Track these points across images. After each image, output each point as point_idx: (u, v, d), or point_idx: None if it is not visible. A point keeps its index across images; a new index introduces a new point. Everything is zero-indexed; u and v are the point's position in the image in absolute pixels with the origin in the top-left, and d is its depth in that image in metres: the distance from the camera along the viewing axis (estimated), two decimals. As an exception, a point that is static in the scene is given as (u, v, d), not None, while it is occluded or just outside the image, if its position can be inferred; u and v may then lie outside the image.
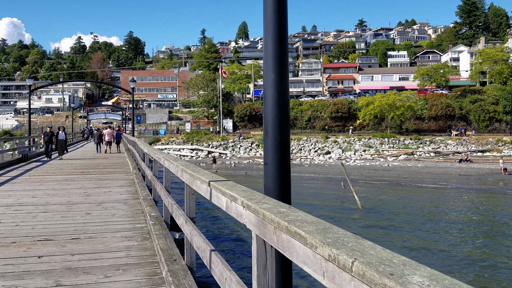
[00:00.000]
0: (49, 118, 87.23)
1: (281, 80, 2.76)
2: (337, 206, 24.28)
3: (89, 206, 7.32)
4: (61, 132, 19.43)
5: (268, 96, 2.79)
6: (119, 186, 9.73)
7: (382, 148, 53.51)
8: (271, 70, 2.79)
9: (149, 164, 9.67)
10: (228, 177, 21.89)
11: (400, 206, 24.25)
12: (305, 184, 32.47)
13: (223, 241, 14.77)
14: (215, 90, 72.55)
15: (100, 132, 28.90)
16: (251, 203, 1.80)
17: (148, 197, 7.28)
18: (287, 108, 2.84)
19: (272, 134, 2.71)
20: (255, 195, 1.98)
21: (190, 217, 3.53)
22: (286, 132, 2.78)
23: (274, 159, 2.70)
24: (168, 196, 4.94)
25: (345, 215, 21.64)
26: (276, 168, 2.69)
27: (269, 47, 2.96)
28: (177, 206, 4.17)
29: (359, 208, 22.97)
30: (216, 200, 2.57)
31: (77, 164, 15.97)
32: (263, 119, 2.89)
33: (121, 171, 13.21)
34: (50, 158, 18.71)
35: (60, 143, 18.80)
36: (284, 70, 2.86)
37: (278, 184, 2.66)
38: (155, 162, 7.05)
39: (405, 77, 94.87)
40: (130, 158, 16.56)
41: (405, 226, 18.91)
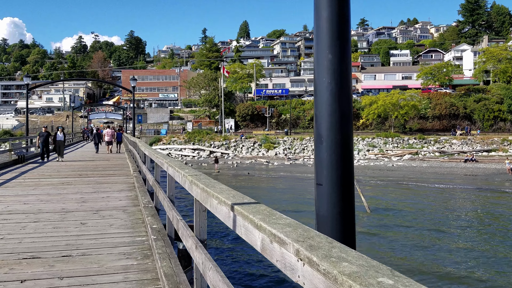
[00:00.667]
0: (50, 118, 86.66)
1: (342, 63, 1.96)
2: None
3: (84, 215, 6.68)
4: (60, 132, 18.25)
5: (321, 86, 2.00)
6: (118, 191, 9.08)
7: (386, 148, 52.81)
8: (326, 48, 1.97)
9: (150, 165, 9.03)
10: (231, 178, 21.08)
11: (409, 210, 23.56)
12: (309, 185, 31.84)
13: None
14: (216, 89, 71.91)
15: (100, 132, 28.29)
16: (316, 257, 1.10)
17: (149, 204, 6.63)
18: (350, 103, 2.05)
19: (329, 141, 1.92)
20: (315, 237, 1.25)
21: (201, 239, 2.86)
22: (348, 138, 1.96)
23: (332, 177, 1.91)
24: (173, 208, 4.29)
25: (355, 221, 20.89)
26: (335, 191, 1.91)
27: (323, 15, 2.09)
28: (184, 223, 3.48)
29: (366, 212, 22.30)
30: (244, 232, 1.84)
31: (75, 166, 15.30)
32: (314, 118, 2.14)
33: (121, 173, 12.56)
34: (46, 160, 17.71)
35: (58, 144, 17.73)
36: (346, 49, 2.04)
37: (338, 213, 1.90)
38: (157, 167, 6.41)
39: (408, 76, 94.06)
40: (130, 159, 15.92)
41: (416, 234, 18.13)
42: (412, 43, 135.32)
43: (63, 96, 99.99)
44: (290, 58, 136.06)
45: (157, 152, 6.78)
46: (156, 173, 6.58)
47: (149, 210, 6.14)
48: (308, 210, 22.01)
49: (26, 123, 21.33)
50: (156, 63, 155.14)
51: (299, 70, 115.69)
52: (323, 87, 2.01)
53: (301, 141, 56.13)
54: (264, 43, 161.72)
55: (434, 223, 20.09)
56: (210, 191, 2.45)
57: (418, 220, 20.90)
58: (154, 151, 7.08)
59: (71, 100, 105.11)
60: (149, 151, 7.56)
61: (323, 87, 2.01)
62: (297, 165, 45.82)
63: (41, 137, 18.11)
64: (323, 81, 2.01)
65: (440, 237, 17.41)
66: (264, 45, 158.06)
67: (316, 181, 2.07)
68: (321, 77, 2.03)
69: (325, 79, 1.99)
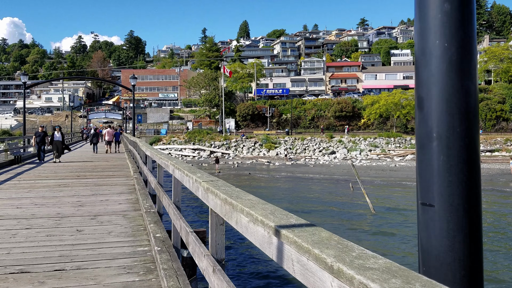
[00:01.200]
0: (49, 118, 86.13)
1: (463, 17, 1.37)
2: (347, 210, 23.13)
3: (81, 220, 6.15)
4: (57, 132, 17.23)
5: (431, 52, 1.37)
6: (117, 194, 8.56)
7: (388, 148, 52.32)
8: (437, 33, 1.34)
9: (152, 166, 8.51)
10: (232, 178, 20.40)
11: (413, 209, 23.04)
12: (311, 186, 31.34)
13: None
14: (217, 89, 71.40)
15: (99, 132, 27.83)
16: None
17: (151, 209, 6.10)
18: (475, 81, 1.43)
19: (445, 138, 1.32)
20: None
21: (218, 258, 2.31)
22: (476, 132, 1.36)
23: (451, 194, 1.31)
24: (180, 217, 3.75)
25: (357, 222, 20.49)
26: (455, 215, 1.30)
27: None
28: (195, 237, 2.91)
29: (371, 212, 21.84)
30: (300, 271, 1.25)
31: (73, 166, 14.77)
32: (417, 102, 1.49)
33: (120, 174, 12.03)
34: (43, 161, 17.02)
35: (56, 145, 16.83)
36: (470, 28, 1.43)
37: (460, 249, 1.28)
38: (160, 168, 5.89)
39: (409, 75, 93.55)
40: (130, 159, 15.39)
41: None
42: (413, 43, 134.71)
43: (63, 96, 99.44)
44: (290, 58, 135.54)
45: (160, 153, 6.27)
46: (159, 175, 6.06)
47: (152, 216, 5.62)
48: (315, 210, 21.43)
49: (24, 122, 20.78)
50: (155, 63, 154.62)
51: (299, 70, 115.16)
52: (435, 54, 1.38)
53: (302, 141, 55.62)
54: (264, 43, 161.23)
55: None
56: (236, 204, 1.89)
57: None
58: (157, 151, 6.57)
59: (71, 100, 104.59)
60: (151, 151, 7.04)
61: (435, 53, 1.38)
62: (299, 166, 45.32)
63: (37, 137, 17.40)
64: (435, 45, 1.38)
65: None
66: (264, 44, 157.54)
67: (420, 199, 1.44)
68: (430, 39, 1.39)
69: (438, 42, 1.38)
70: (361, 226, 19.78)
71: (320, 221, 19.68)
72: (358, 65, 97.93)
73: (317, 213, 21.91)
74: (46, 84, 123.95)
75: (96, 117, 73.02)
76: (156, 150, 6.98)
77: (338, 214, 22.06)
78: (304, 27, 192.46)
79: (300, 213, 20.89)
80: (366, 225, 19.88)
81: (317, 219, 20.61)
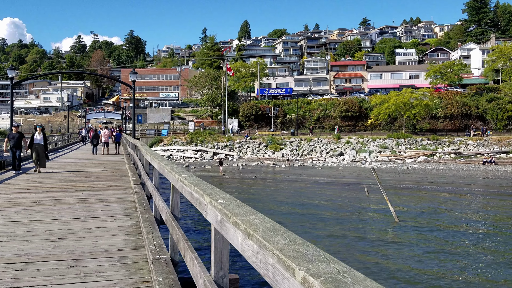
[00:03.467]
0: (47, 118, 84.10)
1: None
2: (365, 218, 21.08)
3: (54, 270, 4.07)
4: (38, 133, 13.36)
5: None
6: (113, 216, 6.51)
7: (398, 149, 50.26)
8: None
9: (158, 176, 6.47)
10: (238, 182, 17.66)
11: (438, 218, 21.06)
12: (321, 190, 29.26)
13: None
14: (219, 88, 69.37)
15: (97, 132, 26.51)
16: None
17: (161, 253, 3.99)
18: None
19: None
20: None
21: None
22: None
23: None
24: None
25: (380, 233, 18.43)
26: None
27: None
28: None
29: (394, 221, 19.82)
30: None
31: (63, 174, 12.57)
32: None
33: (118, 186, 9.97)
34: (18, 170, 13.07)
35: (36, 150, 12.96)
36: None
37: None
38: (176, 193, 3.84)
39: (415, 75, 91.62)
40: (130, 165, 13.34)
41: (458, 248, 15.64)
42: (416, 42, 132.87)
43: (61, 96, 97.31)
44: (292, 57, 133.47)
45: (172, 164, 4.29)
46: (173, 201, 3.99)
47: (162, 268, 3.55)
48: (329, 218, 18.92)
49: (10, 121, 18.69)
50: (156, 63, 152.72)
51: (301, 69, 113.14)
52: None
53: (308, 142, 53.57)
54: (265, 43, 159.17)
55: (471, 233, 17.65)
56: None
57: (451, 229, 18.44)
58: (168, 163, 4.57)
59: (69, 100, 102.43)
60: (159, 162, 4.96)
61: None
62: (306, 168, 43.27)
63: (10, 140, 13.36)
64: None
65: (479, 249, 14.97)
66: (266, 44, 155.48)
67: None
68: None
69: None
70: (385, 237, 17.76)
71: (337, 230, 17.60)
72: (363, 64, 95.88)
73: (332, 221, 19.85)
74: (44, 83, 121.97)
75: (95, 117, 70.90)
76: (166, 161, 4.94)
77: (355, 222, 20.03)
78: (305, 27, 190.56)
79: (314, 223, 18.79)
80: (391, 237, 17.85)
81: (333, 228, 18.59)
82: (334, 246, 15.87)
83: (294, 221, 19.30)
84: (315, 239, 16.25)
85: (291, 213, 21.19)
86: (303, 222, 19.38)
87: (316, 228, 18.12)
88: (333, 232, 17.95)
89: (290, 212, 21.38)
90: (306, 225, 18.91)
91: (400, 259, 14.38)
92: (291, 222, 18.97)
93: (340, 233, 17.83)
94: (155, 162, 5.41)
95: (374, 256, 14.63)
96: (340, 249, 15.54)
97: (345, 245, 15.95)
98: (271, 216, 20.42)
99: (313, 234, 16.95)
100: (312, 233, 17.12)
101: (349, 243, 16.44)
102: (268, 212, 21.12)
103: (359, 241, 16.95)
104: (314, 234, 16.97)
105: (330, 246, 15.53)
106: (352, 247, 15.75)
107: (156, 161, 5.21)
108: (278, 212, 21.35)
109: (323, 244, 15.59)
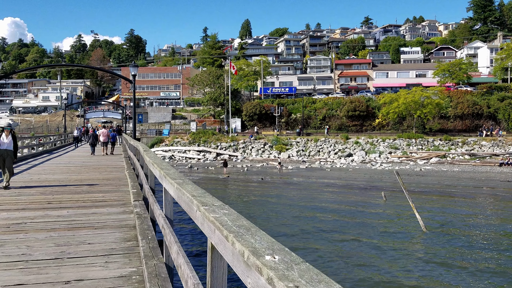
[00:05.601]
0: (45, 117, 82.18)
1: None
2: (390, 226, 19.12)
3: None
4: (6, 136, 10.14)
5: None
6: (104, 256, 4.57)
7: (409, 150, 48.30)
8: None
9: (171, 203, 4.51)
10: (243, 184, 15.00)
11: (469, 226, 19.16)
12: (334, 195, 27.29)
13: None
14: (222, 87, 67.40)
15: (95, 132, 25.21)
16: None
17: None
18: None
19: None
20: None
21: None
22: None
23: None
24: None
25: (408, 244, 16.50)
26: None
27: None
28: None
29: (422, 231, 17.92)
30: None
31: (49, 183, 10.50)
32: None
33: (114, 200, 7.93)
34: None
35: (1, 157, 9.98)
36: None
37: None
38: (219, 262, 1.93)
39: (422, 73, 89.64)
40: (130, 171, 11.38)
41: (491, 259, 13.80)
42: (421, 40, 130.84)
43: (60, 95, 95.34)
44: (295, 56, 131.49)
45: (206, 195, 2.37)
46: (215, 282, 2.03)
47: None
48: (345, 225, 16.53)
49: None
50: (156, 62, 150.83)
51: (304, 68, 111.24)
52: None
53: (315, 142, 51.62)
54: (267, 41, 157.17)
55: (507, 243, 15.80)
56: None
57: (485, 239, 16.54)
58: (199, 192, 2.61)
59: (69, 99, 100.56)
60: (179, 187, 2.86)
61: None
62: (314, 169, 41.35)
63: None
64: None
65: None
66: (268, 43, 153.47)
67: None
68: None
69: None
70: (414, 249, 15.83)
71: (359, 241, 15.67)
72: (368, 63, 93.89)
73: (351, 229, 17.90)
74: (43, 82, 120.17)
75: (94, 116, 68.92)
76: (192, 186, 2.90)
77: (377, 232, 18.08)
78: (307, 26, 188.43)
79: (331, 233, 16.79)
80: (421, 248, 15.93)
81: (354, 237, 16.66)
82: (359, 256, 13.97)
83: (311, 233, 17.36)
84: (336, 253, 14.33)
85: (306, 224, 19.21)
86: (320, 232, 17.45)
87: (333, 240, 16.20)
88: (355, 242, 16.05)
89: (305, 223, 19.39)
90: (325, 235, 16.99)
91: (439, 275, 12.49)
92: (308, 235, 17.02)
93: (363, 245, 15.93)
94: (169, 182, 3.36)
95: (407, 272, 12.73)
96: (368, 262, 13.64)
97: (371, 259, 14.04)
98: (290, 230, 18.27)
99: (333, 246, 15.03)
100: (333, 245, 15.19)
101: (378, 255, 14.55)
102: (284, 226, 19.16)
103: (385, 253, 15.08)
104: (334, 246, 15.05)
105: (357, 258, 13.61)
106: (382, 260, 13.84)
107: (173, 184, 3.15)
108: (293, 226, 19.37)
109: (348, 259, 13.67)
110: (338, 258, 14.49)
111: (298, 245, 15.28)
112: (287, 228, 18.17)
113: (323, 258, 14.33)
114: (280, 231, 17.40)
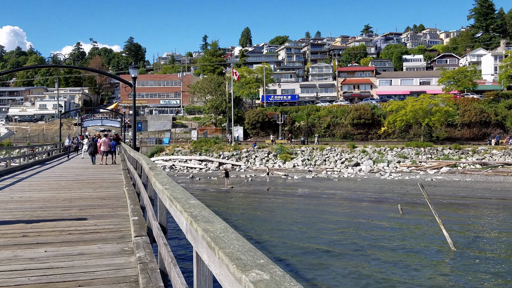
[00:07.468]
0: (42, 126, 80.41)
1: None
2: (412, 243, 17.36)
3: None
4: None
5: None
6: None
7: (419, 159, 46.61)
8: None
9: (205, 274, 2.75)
10: (248, 196, 12.48)
11: (500, 242, 17.46)
12: (346, 207, 25.50)
13: None
14: (223, 94, 65.83)
15: (94, 141, 23.71)
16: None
17: None
18: None
19: None
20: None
21: None
22: None
23: None
24: None
25: (439, 264, 14.77)
26: None
27: None
28: None
29: (450, 249, 16.20)
30: None
31: (31, 204, 8.70)
32: None
33: (109, 231, 6.05)
34: None
35: None
36: None
37: None
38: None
39: (425, 81, 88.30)
40: (129, 187, 9.64)
41: None
42: (423, 48, 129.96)
43: (57, 103, 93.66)
44: (296, 64, 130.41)
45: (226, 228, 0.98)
46: None
47: None
48: (362, 242, 14.74)
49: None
50: (156, 70, 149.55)
51: (306, 76, 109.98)
52: None
53: (321, 151, 49.92)
54: (267, 49, 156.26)
55: None
56: None
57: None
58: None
59: (66, 107, 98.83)
60: (199, 225, 1.35)
61: None
62: (321, 179, 39.60)
63: None
64: None
65: None
66: (268, 51, 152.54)
67: None
68: None
69: None
70: (444, 270, 14.08)
71: (383, 260, 13.80)
72: (371, 70, 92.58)
73: (370, 247, 16.12)
74: (41, 90, 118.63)
75: (91, 124, 67.19)
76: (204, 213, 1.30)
77: (400, 249, 16.32)
78: (307, 34, 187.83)
79: (346, 249, 14.98)
80: (451, 268, 14.19)
81: (375, 257, 14.92)
82: (383, 277, 12.21)
83: (326, 251, 15.58)
84: (355, 271, 12.55)
85: (319, 240, 17.43)
86: (335, 249, 15.68)
87: (349, 256, 14.43)
88: (379, 262, 14.29)
89: (317, 239, 17.61)
90: (340, 251, 15.23)
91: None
92: (321, 253, 15.24)
93: (386, 265, 14.17)
94: (182, 216, 1.71)
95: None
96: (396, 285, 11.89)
97: (399, 283, 12.28)
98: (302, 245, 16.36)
99: (351, 264, 13.24)
100: (351, 262, 13.41)
101: (402, 276, 12.80)
102: (295, 241, 17.37)
103: (409, 273, 13.36)
104: (353, 263, 13.26)
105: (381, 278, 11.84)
106: (410, 284, 12.09)
107: (189, 218, 1.52)
108: (304, 241, 17.57)
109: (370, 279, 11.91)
110: (358, 277, 12.80)
111: (314, 263, 13.51)
112: (299, 242, 16.43)
113: (338, 277, 12.67)
114: (291, 247, 15.65)
